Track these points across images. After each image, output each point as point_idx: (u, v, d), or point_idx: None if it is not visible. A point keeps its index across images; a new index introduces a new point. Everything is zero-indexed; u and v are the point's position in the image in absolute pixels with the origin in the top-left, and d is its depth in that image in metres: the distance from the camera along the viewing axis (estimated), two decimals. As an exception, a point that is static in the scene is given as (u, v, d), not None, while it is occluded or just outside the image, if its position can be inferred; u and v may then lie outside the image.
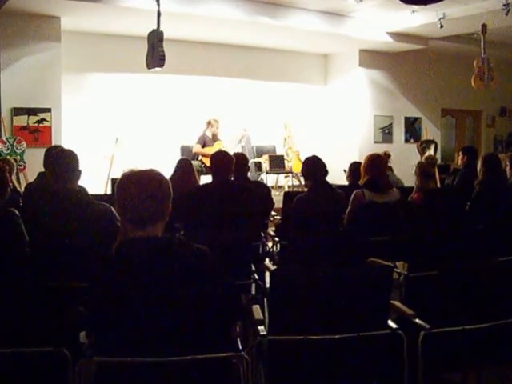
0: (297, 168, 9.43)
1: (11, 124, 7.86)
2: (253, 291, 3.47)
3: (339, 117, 11.22)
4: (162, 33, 7.00)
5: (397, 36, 9.91)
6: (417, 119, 11.72)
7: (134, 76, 9.34)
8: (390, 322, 2.37)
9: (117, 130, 8.80)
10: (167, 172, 4.18)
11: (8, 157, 6.99)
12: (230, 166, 4.49)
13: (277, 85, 10.88)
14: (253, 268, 3.47)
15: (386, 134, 11.30)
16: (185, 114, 9.79)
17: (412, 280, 3.12)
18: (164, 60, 7.00)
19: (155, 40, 7.02)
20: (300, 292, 2.29)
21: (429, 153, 8.97)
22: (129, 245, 1.93)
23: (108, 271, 1.92)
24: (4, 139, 7.54)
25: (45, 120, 8.03)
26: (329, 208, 4.15)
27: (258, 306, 2.55)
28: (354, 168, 5.36)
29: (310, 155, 4.50)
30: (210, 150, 7.76)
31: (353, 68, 10.96)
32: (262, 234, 4.41)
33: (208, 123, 9.08)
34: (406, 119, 11.58)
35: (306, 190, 4.46)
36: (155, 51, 7.03)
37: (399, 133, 11.51)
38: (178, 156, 7.76)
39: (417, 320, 2.42)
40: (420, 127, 11.63)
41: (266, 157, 9.55)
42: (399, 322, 2.36)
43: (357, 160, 5.93)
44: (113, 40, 9.23)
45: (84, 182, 3.42)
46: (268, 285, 3.17)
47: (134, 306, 1.86)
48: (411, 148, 10.57)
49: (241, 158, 5.07)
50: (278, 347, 2.29)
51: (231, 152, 5.02)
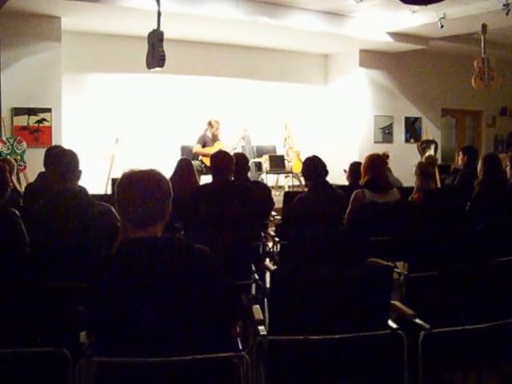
0: (297, 168, 9.43)
1: (11, 124, 7.85)
2: (253, 291, 3.47)
3: (339, 117, 11.21)
4: (162, 33, 7.00)
5: (397, 36, 9.90)
6: (417, 119, 11.71)
7: (134, 76, 9.34)
8: (390, 322, 2.37)
9: (117, 130, 8.80)
10: (167, 172, 4.18)
11: (8, 157, 6.99)
12: (230, 166, 4.50)
13: (277, 85, 10.88)
14: (253, 268, 3.47)
15: (387, 134, 11.30)
16: (185, 114, 9.78)
17: (412, 280, 3.13)
18: (164, 60, 7.01)
19: (155, 40, 7.03)
20: (300, 292, 2.29)
21: (429, 153, 8.99)
22: (129, 245, 1.93)
23: (108, 271, 1.92)
24: (4, 139, 7.54)
25: (45, 120, 8.03)
26: (329, 208, 4.17)
27: (258, 306, 2.56)
28: (354, 168, 5.36)
29: (311, 155, 4.50)
30: (211, 150, 7.77)
31: (353, 68, 10.96)
32: (263, 234, 4.41)
33: (208, 123, 9.09)
34: (407, 119, 11.57)
35: (306, 190, 4.46)
36: (155, 51, 7.03)
37: (399, 133, 11.51)
38: (178, 156, 7.76)
39: (417, 320, 2.42)
40: (420, 127, 11.62)
41: (267, 157, 9.55)
42: (399, 322, 2.36)
43: (357, 160, 5.94)
44: (113, 40, 9.23)
45: (84, 182, 3.41)
46: (268, 285, 3.18)
47: (135, 306, 1.86)
48: (411, 148, 10.58)
49: (241, 158, 5.08)
50: (278, 347, 2.29)
51: (231, 152, 5.03)
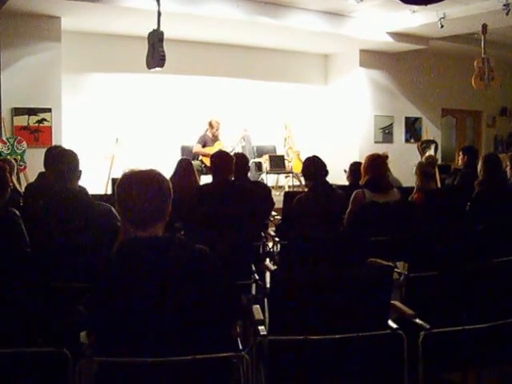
0: (297, 168, 9.43)
1: (11, 124, 7.85)
2: (253, 291, 3.47)
3: (339, 117, 11.21)
4: (163, 33, 7.00)
5: (397, 36, 9.90)
6: (417, 119, 11.71)
7: (134, 76, 9.34)
8: (391, 322, 2.37)
9: (117, 130, 8.80)
10: (167, 172, 4.18)
11: (8, 157, 6.99)
12: (230, 166, 4.50)
13: (277, 85, 10.88)
14: (253, 268, 3.47)
15: (387, 134, 11.30)
16: (185, 114, 9.78)
17: (412, 280, 3.13)
18: (164, 60, 7.01)
19: (155, 40, 7.03)
20: (300, 292, 2.29)
21: (429, 153, 8.98)
22: (129, 245, 1.93)
23: (109, 271, 1.92)
24: (4, 139, 7.54)
25: (45, 120, 8.02)
26: (329, 208, 4.17)
27: (259, 306, 2.56)
28: (355, 168, 5.36)
29: (311, 155, 4.50)
30: (211, 150, 7.77)
31: (353, 68, 10.95)
32: (263, 234, 4.41)
33: (209, 124, 9.10)
34: (407, 119, 11.57)
35: (307, 191, 4.46)
36: (155, 51, 7.03)
37: (399, 133, 11.51)
38: (179, 156, 7.76)
39: (417, 320, 2.42)
40: (420, 127, 11.62)
41: (267, 157, 9.55)
42: (399, 322, 2.36)
43: (357, 160, 5.94)
44: (113, 40, 9.22)
45: (84, 182, 3.42)
46: (268, 285, 3.18)
47: (135, 306, 1.86)
48: (411, 148, 10.57)
49: (241, 158, 5.08)
50: (279, 347, 2.29)
51: (230, 152, 5.03)
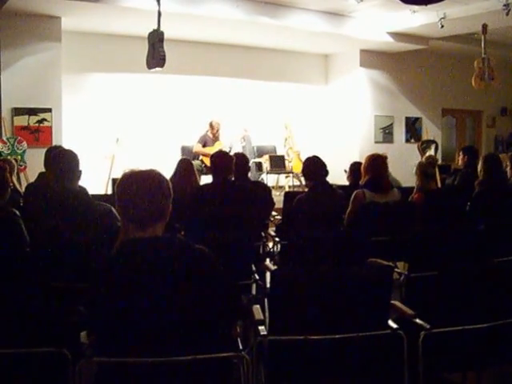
0: (297, 168, 9.43)
1: (12, 124, 7.85)
2: (253, 291, 3.47)
3: (340, 117, 11.21)
4: (163, 33, 7.00)
5: (397, 36, 9.90)
6: (417, 119, 11.71)
7: (135, 76, 9.34)
8: (391, 322, 2.37)
9: (117, 130, 8.80)
10: (167, 172, 4.18)
11: (8, 157, 6.99)
12: (231, 166, 4.50)
13: (277, 85, 10.88)
14: (253, 268, 3.47)
15: (387, 134, 11.30)
16: (185, 114, 9.79)
17: (412, 280, 3.13)
18: (164, 60, 7.01)
19: (156, 40, 7.03)
20: (300, 292, 2.29)
21: (429, 153, 8.98)
22: (130, 245, 1.93)
23: (109, 271, 1.92)
24: (4, 139, 7.54)
25: (45, 120, 8.03)
26: (329, 208, 4.17)
27: (259, 306, 2.56)
28: (355, 168, 5.35)
29: (311, 155, 4.50)
30: (211, 150, 7.77)
31: (353, 68, 10.95)
32: (263, 234, 4.41)
33: (210, 125, 9.12)
34: (407, 119, 11.57)
35: (307, 191, 4.46)
36: (156, 51, 7.03)
37: (400, 133, 11.50)
38: (179, 156, 7.77)
39: (417, 320, 2.42)
40: (420, 127, 11.62)
41: (267, 157, 9.55)
42: (399, 322, 2.36)
43: (357, 160, 5.93)
44: (113, 40, 9.23)
45: (84, 182, 3.42)
46: (268, 285, 3.18)
47: (135, 306, 1.86)
48: (412, 148, 10.58)
49: (241, 158, 5.08)
50: (279, 347, 2.29)
51: (231, 152, 5.03)
